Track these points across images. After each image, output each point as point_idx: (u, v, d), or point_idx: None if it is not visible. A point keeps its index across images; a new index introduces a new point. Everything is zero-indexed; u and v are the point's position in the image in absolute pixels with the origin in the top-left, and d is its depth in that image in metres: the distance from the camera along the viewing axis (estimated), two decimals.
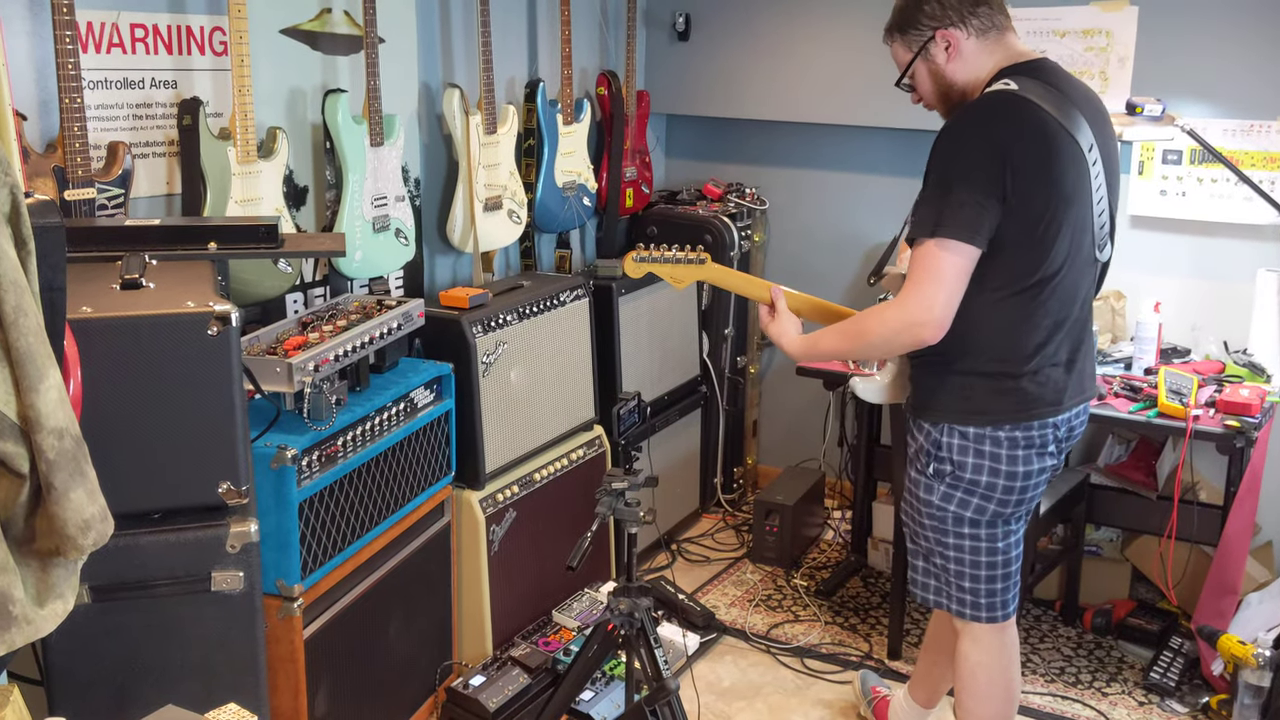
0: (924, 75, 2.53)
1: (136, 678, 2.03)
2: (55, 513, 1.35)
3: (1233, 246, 3.83)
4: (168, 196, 2.84)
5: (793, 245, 4.72)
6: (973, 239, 2.30)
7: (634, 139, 4.47)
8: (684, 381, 4.36)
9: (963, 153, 2.36)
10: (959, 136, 2.38)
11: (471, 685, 3.12)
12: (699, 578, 4.17)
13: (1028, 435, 2.48)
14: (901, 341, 2.40)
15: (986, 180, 2.30)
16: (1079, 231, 2.44)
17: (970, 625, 2.67)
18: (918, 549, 2.70)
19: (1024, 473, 2.50)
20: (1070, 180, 2.38)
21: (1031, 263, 2.39)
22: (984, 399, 2.47)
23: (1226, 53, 3.72)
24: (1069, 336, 2.50)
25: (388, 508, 2.92)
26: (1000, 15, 2.47)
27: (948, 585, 2.65)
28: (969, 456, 2.50)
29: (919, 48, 2.49)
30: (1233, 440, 3.19)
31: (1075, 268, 2.46)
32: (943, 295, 2.31)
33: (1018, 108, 2.35)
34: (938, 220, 2.31)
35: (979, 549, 2.58)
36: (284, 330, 2.79)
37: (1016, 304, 2.42)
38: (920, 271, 2.33)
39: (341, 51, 3.24)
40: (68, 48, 2.39)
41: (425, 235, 3.66)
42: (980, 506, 2.54)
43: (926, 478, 2.57)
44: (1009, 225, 2.33)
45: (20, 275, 1.31)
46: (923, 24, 2.46)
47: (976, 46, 2.46)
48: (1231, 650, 3.14)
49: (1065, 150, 2.36)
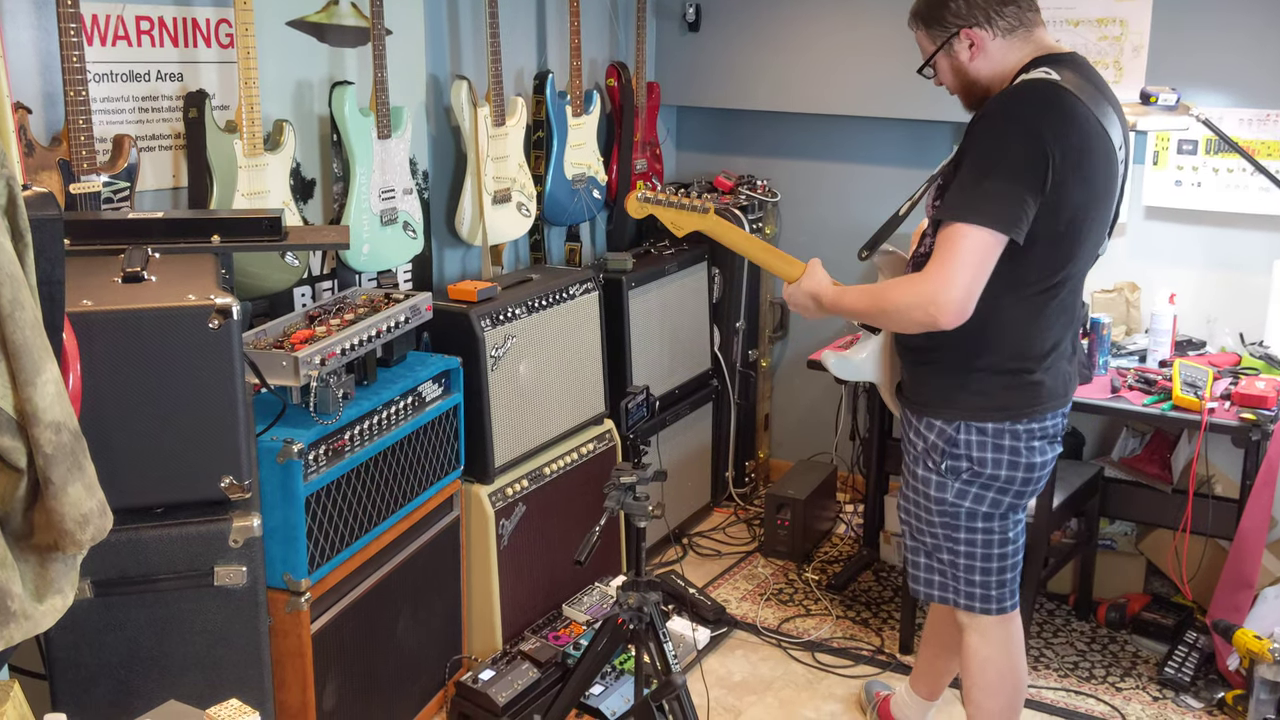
0: (946, 68, 2.49)
1: (139, 672, 2.02)
2: (53, 507, 1.34)
3: (1249, 237, 3.79)
4: (174, 190, 2.83)
5: (804, 237, 4.69)
6: (1008, 229, 2.24)
7: (644, 131, 4.45)
8: (695, 375, 4.35)
9: (1003, 140, 2.29)
10: (1000, 122, 2.31)
11: (481, 679, 3.11)
12: (710, 572, 4.16)
13: (1043, 427, 2.49)
14: (915, 317, 2.32)
15: (1028, 171, 2.25)
16: (1102, 229, 2.44)
17: (978, 619, 2.66)
18: (920, 546, 2.67)
19: (1040, 464, 2.52)
20: (1101, 178, 2.36)
21: (1058, 260, 2.37)
22: (1003, 395, 2.46)
23: (1242, 42, 3.68)
24: (1073, 329, 2.53)
25: (396, 502, 2.91)
26: (1030, 12, 2.41)
27: (955, 580, 2.64)
28: (988, 452, 2.48)
29: (942, 42, 2.44)
30: (1248, 433, 3.17)
31: (1088, 264, 2.48)
32: (965, 279, 2.25)
33: (1060, 99, 2.29)
34: (973, 206, 2.26)
35: (991, 541, 2.58)
36: (291, 324, 2.78)
37: (1039, 303, 2.41)
38: (947, 253, 2.27)
39: (349, 43, 3.23)
40: (73, 40, 2.38)
41: (434, 228, 3.64)
42: (995, 500, 2.53)
43: (939, 475, 2.54)
44: (1042, 221, 2.28)
45: (17, 268, 1.30)
46: (948, 20, 2.42)
47: (1002, 44, 2.41)
48: (1247, 645, 3.12)
49: (1100, 147, 2.33)
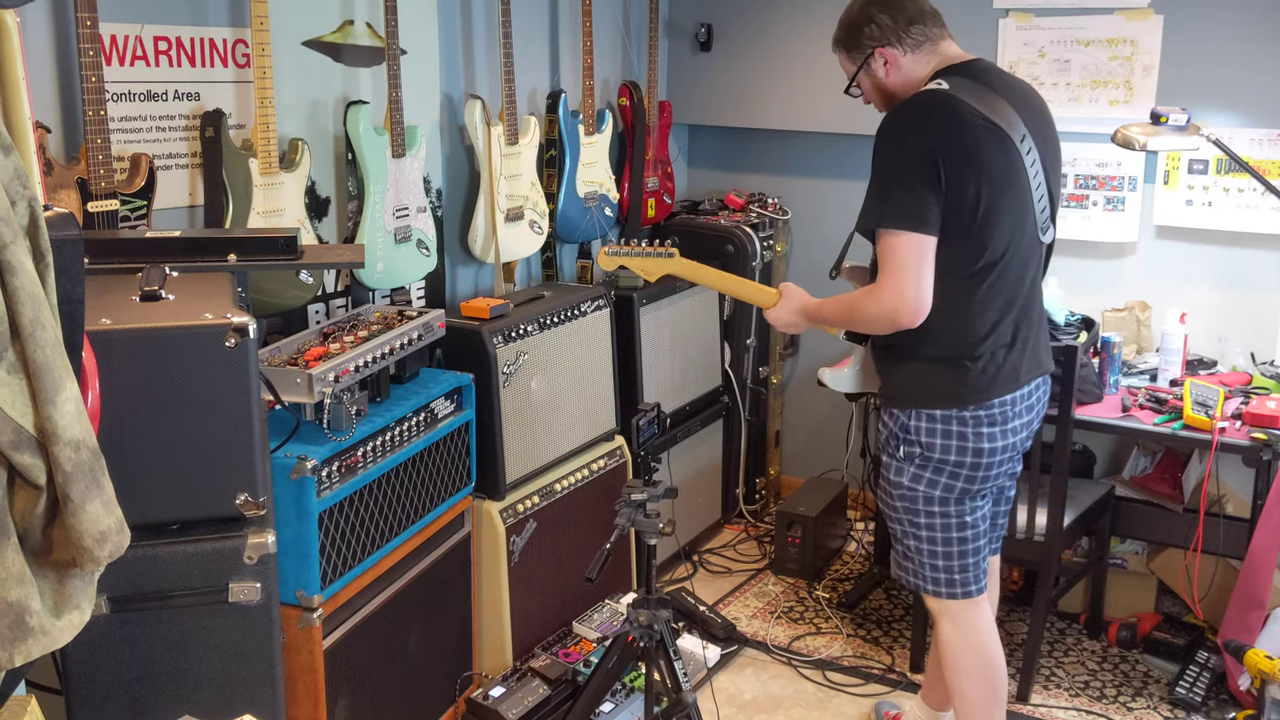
0: (867, 85, 2.77)
1: (154, 688, 2.03)
2: (72, 524, 1.35)
3: (1260, 257, 3.79)
4: (190, 208, 2.85)
5: (815, 255, 4.70)
6: (920, 226, 2.48)
7: (656, 149, 4.47)
8: (706, 392, 4.35)
9: (897, 150, 2.56)
10: (891, 134, 2.58)
11: (491, 696, 3.11)
12: (720, 589, 4.16)
13: (990, 414, 2.62)
14: (882, 326, 2.58)
15: (923, 172, 2.48)
16: (1020, 216, 2.59)
17: (946, 604, 2.79)
18: (893, 532, 2.83)
19: (989, 449, 2.64)
20: (1000, 166, 2.54)
21: (974, 250, 2.55)
22: (944, 383, 2.63)
23: (1252, 61, 3.69)
24: (1017, 317, 2.64)
25: (408, 518, 2.92)
26: (934, 28, 2.68)
27: (921, 566, 2.78)
28: (937, 438, 2.64)
29: (861, 62, 2.72)
30: (1259, 453, 3.16)
31: (1020, 252, 2.61)
32: (911, 281, 2.49)
33: (942, 104, 2.54)
34: (882, 212, 2.53)
35: (949, 526, 2.71)
36: (305, 341, 2.80)
37: (965, 290, 2.57)
38: (886, 263, 2.52)
39: (363, 63, 3.25)
40: (91, 60, 2.41)
41: (447, 246, 3.66)
42: (948, 485, 2.67)
43: (897, 460, 2.72)
44: (950, 216, 2.50)
45: (38, 288, 1.31)
46: (864, 43, 2.70)
47: (912, 59, 2.68)
48: (1259, 665, 3.10)
49: (991, 140, 2.53)
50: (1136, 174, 3.93)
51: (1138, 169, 3.93)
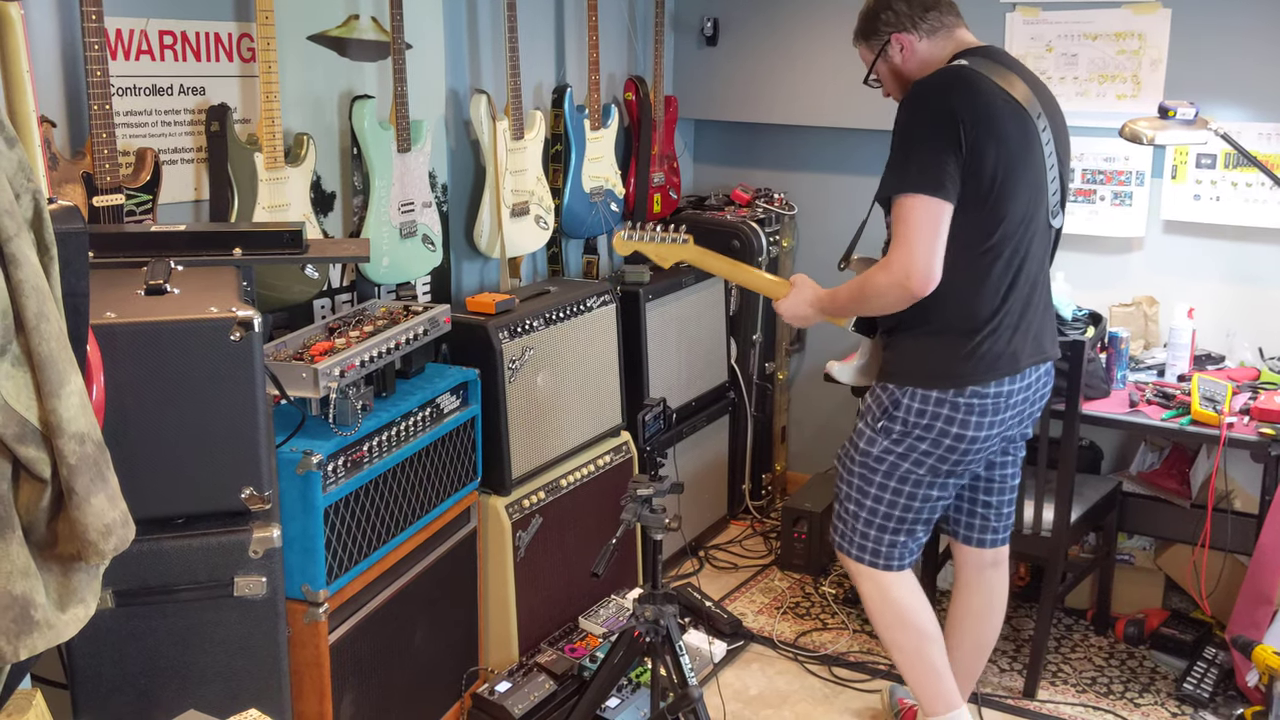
0: (885, 73, 2.81)
1: (159, 682, 2.03)
2: (76, 518, 1.35)
3: (1268, 252, 3.78)
4: (195, 202, 2.85)
5: (821, 250, 4.68)
6: (937, 191, 2.50)
7: (662, 144, 4.46)
8: (712, 387, 4.35)
9: (917, 117, 2.59)
10: (913, 105, 2.62)
11: (497, 691, 3.11)
12: (726, 585, 4.15)
13: (983, 403, 2.64)
14: (894, 297, 2.57)
15: (943, 135, 2.52)
16: (1035, 192, 2.64)
17: (863, 569, 2.86)
18: (836, 494, 2.90)
19: (971, 437, 2.67)
20: (1017, 139, 2.58)
21: (988, 222, 2.58)
22: (945, 360, 2.64)
23: (1261, 55, 3.67)
24: (1025, 297, 2.67)
25: (413, 513, 2.92)
26: (949, 15, 2.74)
27: (852, 530, 2.85)
28: (925, 419, 2.67)
29: (879, 50, 2.77)
30: (1268, 448, 3.15)
31: (1031, 232, 2.64)
32: (924, 246, 2.50)
33: (963, 75, 2.60)
34: (902, 179, 2.54)
35: (896, 504, 2.76)
36: (311, 336, 2.80)
37: (976, 264, 2.60)
38: (901, 229, 2.53)
39: (369, 57, 3.25)
40: (97, 54, 2.41)
41: (452, 241, 3.66)
42: (917, 462, 2.71)
43: (872, 431, 2.75)
44: (968, 184, 2.53)
45: (42, 281, 1.31)
46: (881, 30, 2.75)
47: (928, 45, 2.73)
48: (1267, 661, 3.09)
49: (1009, 110, 2.58)
50: (1144, 168, 3.92)
51: (1145, 163, 3.91)
